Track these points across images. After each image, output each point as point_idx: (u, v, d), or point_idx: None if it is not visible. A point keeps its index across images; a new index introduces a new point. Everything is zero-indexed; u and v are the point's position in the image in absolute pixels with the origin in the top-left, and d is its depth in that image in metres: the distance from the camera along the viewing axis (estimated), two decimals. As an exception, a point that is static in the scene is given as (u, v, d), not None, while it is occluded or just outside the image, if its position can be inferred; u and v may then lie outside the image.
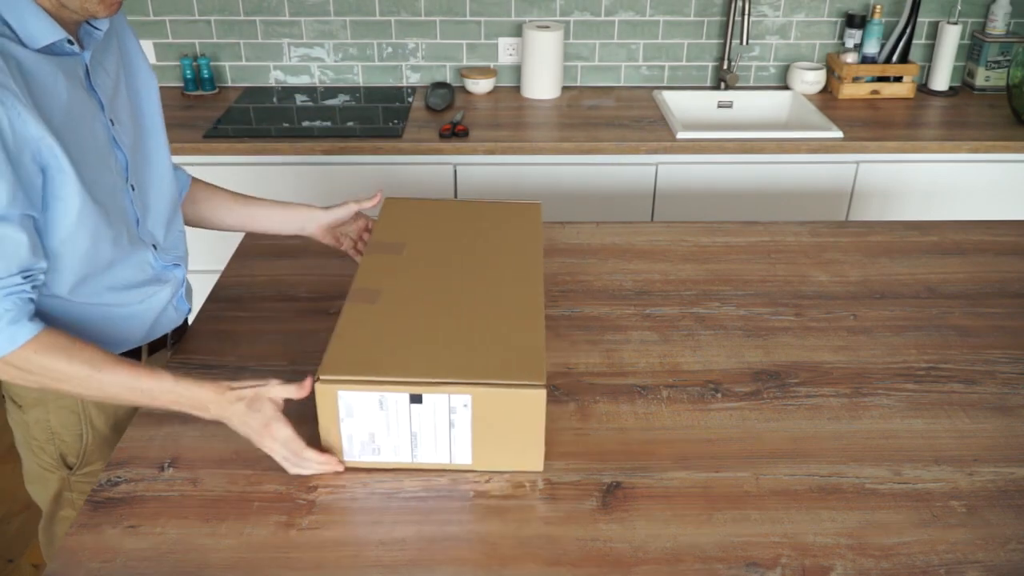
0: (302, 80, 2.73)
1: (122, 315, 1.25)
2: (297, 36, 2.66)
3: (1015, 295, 1.54)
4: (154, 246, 1.29)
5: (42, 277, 1.09)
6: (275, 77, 2.72)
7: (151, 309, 1.30)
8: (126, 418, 1.32)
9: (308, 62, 2.70)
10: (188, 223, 1.45)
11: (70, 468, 1.32)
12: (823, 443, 1.18)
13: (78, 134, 1.10)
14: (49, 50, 1.07)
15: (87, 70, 1.14)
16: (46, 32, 1.06)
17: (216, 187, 1.48)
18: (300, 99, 2.61)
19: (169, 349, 1.37)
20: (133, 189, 1.24)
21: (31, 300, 1.07)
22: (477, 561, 0.99)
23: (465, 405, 1.06)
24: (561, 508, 1.07)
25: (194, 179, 1.46)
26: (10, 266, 1.04)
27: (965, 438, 1.20)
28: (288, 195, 2.34)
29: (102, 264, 1.19)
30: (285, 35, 2.66)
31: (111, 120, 1.18)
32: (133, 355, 1.30)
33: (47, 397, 1.26)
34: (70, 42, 1.09)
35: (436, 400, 1.06)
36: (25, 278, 1.06)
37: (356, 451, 1.10)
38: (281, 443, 1.09)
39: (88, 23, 1.14)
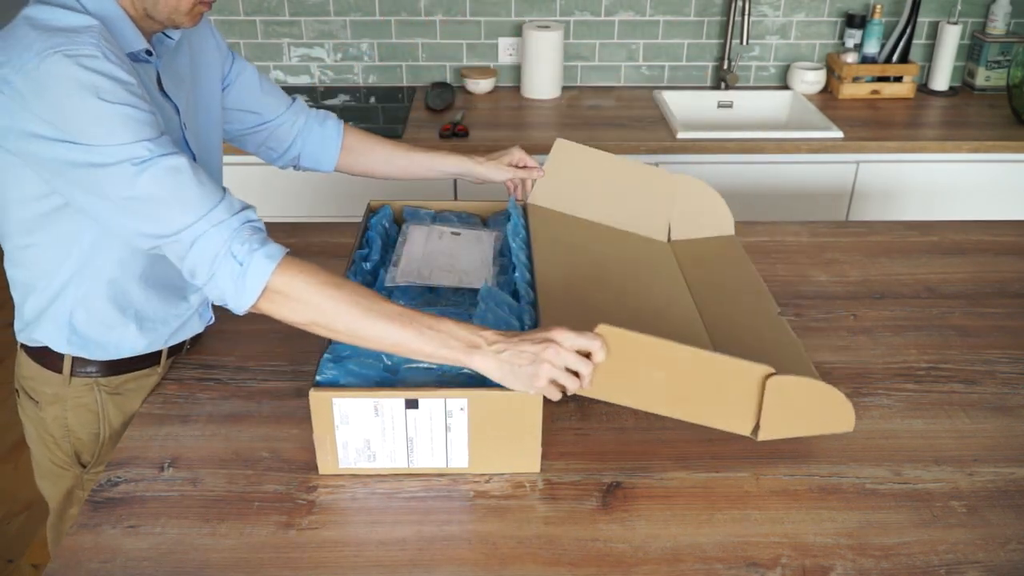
0: (302, 80, 2.73)
1: (158, 317, 1.25)
2: (297, 36, 2.66)
3: (1015, 295, 1.54)
4: None
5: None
6: (275, 77, 2.72)
7: (180, 315, 1.29)
8: None
9: (308, 62, 2.70)
10: (348, 172, 1.52)
11: (84, 466, 1.32)
12: (823, 443, 1.18)
13: None
14: (129, 57, 1.10)
15: (158, 76, 1.17)
16: (134, 40, 1.09)
17: (370, 137, 1.52)
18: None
19: (184, 353, 1.37)
20: None
21: (261, 228, 1.06)
22: (477, 561, 0.99)
23: (462, 409, 1.06)
24: (561, 508, 1.07)
25: (347, 127, 1.50)
26: (217, 189, 1.04)
27: (965, 438, 1.20)
28: (288, 195, 2.35)
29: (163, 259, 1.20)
30: (285, 35, 2.66)
31: (184, 124, 1.21)
32: (152, 358, 1.29)
33: (66, 394, 1.26)
34: (148, 52, 1.12)
35: (432, 404, 1.05)
36: (243, 207, 1.06)
37: (351, 458, 1.10)
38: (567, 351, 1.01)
39: (162, 32, 1.17)
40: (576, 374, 1.02)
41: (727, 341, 1.24)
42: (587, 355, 1.01)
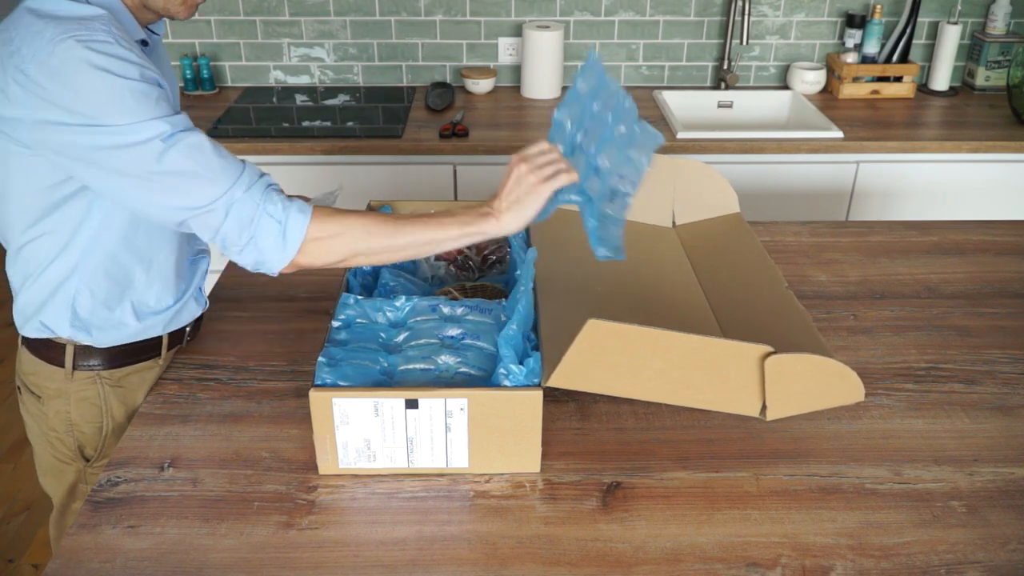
0: (302, 80, 2.73)
1: (155, 296, 1.26)
2: (297, 36, 2.66)
3: (1015, 295, 1.54)
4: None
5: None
6: (275, 77, 2.72)
7: (177, 295, 1.30)
8: None
9: (308, 62, 2.70)
10: None
11: (87, 460, 1.32)
12: (823, 443, 1.18)
13: None
14: None
15: None
16: (134, 31, 1.12)
17: None
18: (300, 99, 2.61)
19: (185, 344, 1.37)
20: None
21: (280, 189, 1.12)
22: (477, 561, 0.99)
23: (462, 408, 1.06)
24: (561, 508, 1.07)
25: None
26: (236, 160, 1.09)
27: (965, 438, 1.20)
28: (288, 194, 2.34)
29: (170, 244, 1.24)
30: (285, 35, 2.66)
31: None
32: (153, 348, 1.30)
33: (69, 389, 1.26)
34: (143, 43, 1.15)
35: (432, 404, 1.05)
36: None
37: (351, 458, 1.10)
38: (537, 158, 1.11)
39: (147, 27, 1.19)
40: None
41: (734, 322, 1.24)
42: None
